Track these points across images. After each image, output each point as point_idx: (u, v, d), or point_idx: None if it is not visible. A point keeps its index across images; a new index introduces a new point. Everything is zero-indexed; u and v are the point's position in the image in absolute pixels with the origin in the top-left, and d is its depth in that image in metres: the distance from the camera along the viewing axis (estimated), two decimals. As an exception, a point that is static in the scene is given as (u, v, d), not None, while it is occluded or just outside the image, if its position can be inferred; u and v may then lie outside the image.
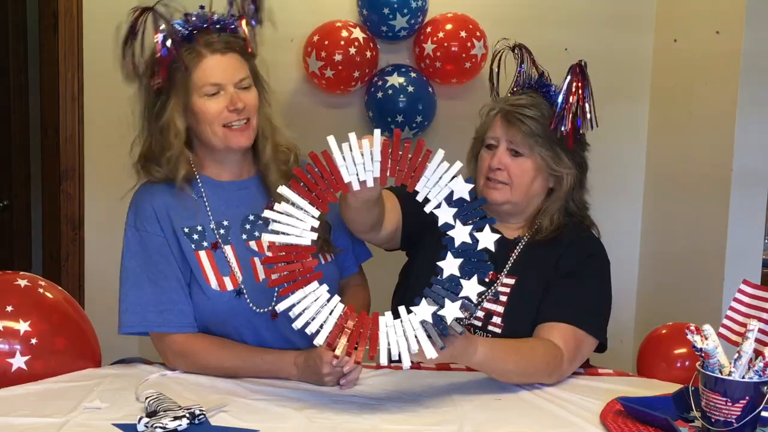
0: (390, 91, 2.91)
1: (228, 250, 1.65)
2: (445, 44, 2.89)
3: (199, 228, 1.64)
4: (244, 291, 1.63)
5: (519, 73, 1.82)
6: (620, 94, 2.99)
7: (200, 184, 1.67)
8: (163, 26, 1.56)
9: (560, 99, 1.70)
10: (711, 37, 2.63)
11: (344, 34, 2.88)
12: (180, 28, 1.58)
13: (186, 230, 1.64)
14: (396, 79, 2.92)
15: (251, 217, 1.69)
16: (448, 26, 2.91)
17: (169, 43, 1.55)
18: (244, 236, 1.67)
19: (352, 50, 2.87)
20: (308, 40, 2.93)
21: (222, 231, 1.66)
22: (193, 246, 1.63)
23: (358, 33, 2.90)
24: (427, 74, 3.00)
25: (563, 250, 1.73)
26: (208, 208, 1.66)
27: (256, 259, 1.66)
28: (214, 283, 1.63)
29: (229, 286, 1.63)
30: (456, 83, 3.02)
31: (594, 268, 1.73)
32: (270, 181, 1.68)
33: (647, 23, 3.07)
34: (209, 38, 1.59)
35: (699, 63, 2.74)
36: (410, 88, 2.92)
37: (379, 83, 2.94)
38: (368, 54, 2.91)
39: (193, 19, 1.59)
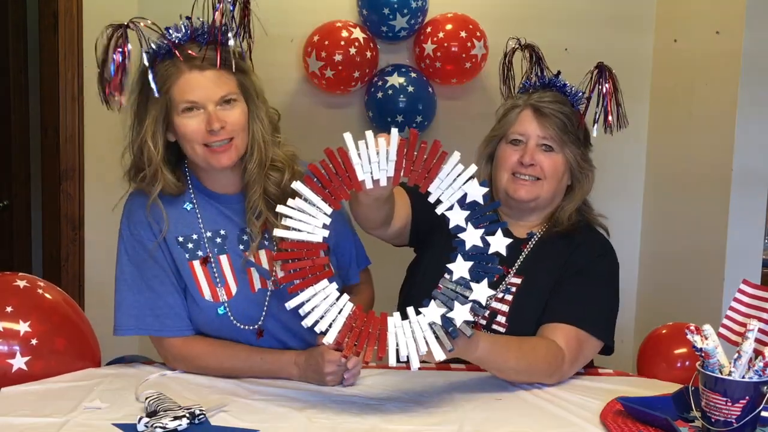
0: (390, 91, 2.91)
1: (224, 259, 1.63)
2: (445, 44, 2.89)
3: (194, 237, 1.63)
4: (229, 312, 1.62)
5: (532, 72, 1.81)
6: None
7: (192, 195, 1.64)
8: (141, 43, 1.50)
9: (605, 89, 1.71)
10: (711, 37, 2.63)
11: (344, 34, 2.88)
12: (159, 43, 1.52)
13: (180, 239, 1.62)
14: (396, 79, 2.92)
15: (248, 229, 1.64)
16: (448, 26, 2.91)
17: (143, 60, 1.49)
18: (241, 246, 1.65)
19: (352, 50, 2.87)
20: (308, 40, 2.93)
21: (219, 240, 1.63)
22: (187, 255, 1.61)
23: (358, 33, 2.90)
24: (427, 74, 3.00)
25: (574, 248, 1.73)
26: (200, 219, 1.64)
27: (253, 270, 1.64)
28: (207, 294, 1.61)
29: (223, 298, 1.62)
30: (456, 83, 3.02)
31: (604, 268, 1.73)
32: (250, 201, 1.61)
33: (647, 23, 3.08)
34: (189, 53, 1.51)
35: (699, 63, 2.74)
36: (410, 88, 2.92)
37: (379, 83, 2.94)
38: (368, 54, 2.91)
39: (173, 32, 1.52)
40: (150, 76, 1.50)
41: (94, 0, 2.95)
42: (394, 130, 1.37)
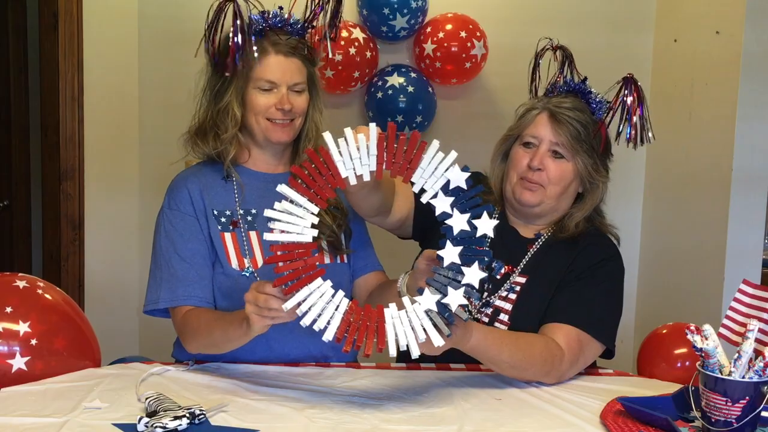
0: (390, 91, 2.92)
1: (253, 236, 1.71)
2: (445, 44, 2.89)
3: (228, 212, 1.71)
4: (256, 275, 1.68)
5: (560, 74, 1.80)
6: (620, 94, 2.99)
7: (232, 172, 1.74)
8: (240, 17, 1.65)
9: (628, 102, 1.71)
10: (711, 37, 2.63)
11: (344, 34, 2.88)
12: (254, 23, 1.68)
13: (215, 212, 1.70)
14: (396, 79, 2.93)
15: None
16: (448, 26, 2.91)
17: (239, 35, 1.64)
18: (268, 224, 1.70)
19: (352, 50, 2.87)
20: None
21: (249, 218, 1.73)
22: (219, 227, 1.70)
23: (358, 33, 2.90)
24: (427, 74, 3.00)
25: (580, 250, 1.72)
26: (236, 195, 1.72)
27: None
28: (234, 263, 1.69)
29: (250, 268, 1.69)
30: (456, 83, 3.02)
31: (608, 272, 1.72)
32: None
33: (647, 23, 3.08)
34: (278, 38, 1.69)
35: (699, 63, 2.74)
36: (410, 88, 2.92)
37: (379, 83, 2.94)
38: (368, 54, 2.91)
39: (269, 17, 1.70)
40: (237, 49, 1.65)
41: (94, 0, 2.96)
42: (372, 125, 1.39)
